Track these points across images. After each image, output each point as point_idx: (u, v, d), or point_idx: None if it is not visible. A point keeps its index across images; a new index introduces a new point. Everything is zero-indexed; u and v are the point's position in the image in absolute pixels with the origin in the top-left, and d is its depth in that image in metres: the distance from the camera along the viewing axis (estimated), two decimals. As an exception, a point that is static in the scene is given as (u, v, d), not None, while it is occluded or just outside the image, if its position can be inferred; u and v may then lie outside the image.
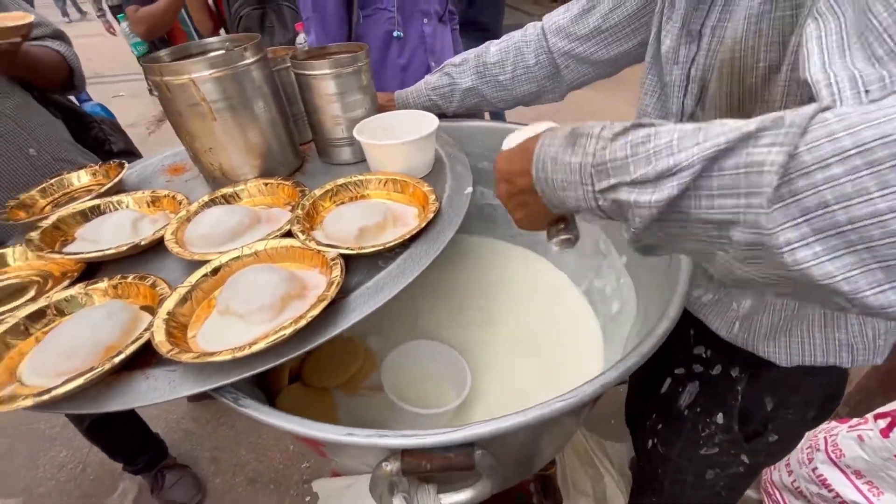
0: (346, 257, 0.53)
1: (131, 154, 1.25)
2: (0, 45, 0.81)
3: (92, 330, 0.47)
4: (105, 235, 0.62)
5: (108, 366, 0.43)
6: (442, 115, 0.82)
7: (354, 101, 0.74)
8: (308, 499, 1.45)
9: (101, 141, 1.18)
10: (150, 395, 0.44)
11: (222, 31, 1.87)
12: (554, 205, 0.40)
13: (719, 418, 0.68)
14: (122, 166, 0.82)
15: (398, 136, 0.69)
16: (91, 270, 0.61)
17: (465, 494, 0.45)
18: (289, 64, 0.78)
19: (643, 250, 0.36)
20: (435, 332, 0.80)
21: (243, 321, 0.48)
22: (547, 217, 0.46)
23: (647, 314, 0.64)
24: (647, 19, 0.67)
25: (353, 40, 1.27)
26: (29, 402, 0.41)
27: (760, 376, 0.64)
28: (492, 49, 0.81)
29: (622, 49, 0.71)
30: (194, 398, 1.76)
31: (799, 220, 0.24)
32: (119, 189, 0.78)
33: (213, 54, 0.64)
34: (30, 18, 0.81)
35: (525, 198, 0.44)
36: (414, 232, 0.56)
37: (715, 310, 0.64)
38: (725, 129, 0.27)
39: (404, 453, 0.40)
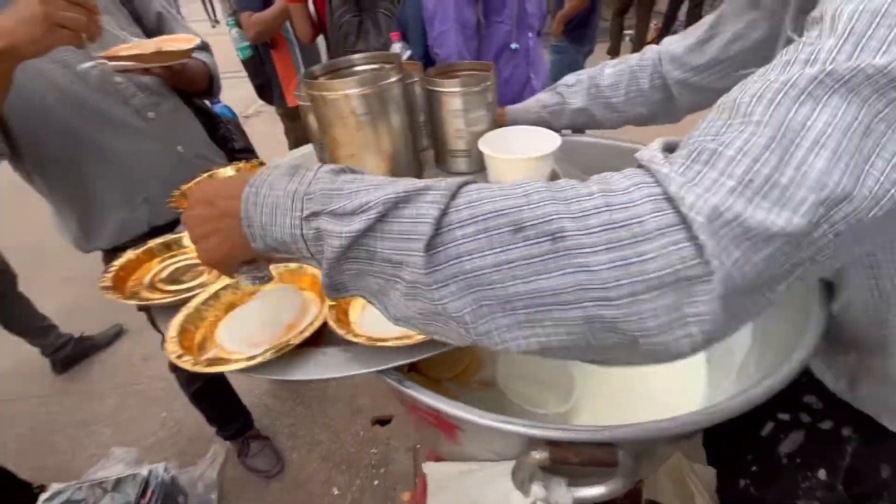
0: None
1: (249, 151, 1.39)
2: (173, 66, 0.95)
3: (276, 309, 0.56)
4: None
5: (297, 340, 0.51)
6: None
7: (478, 117, 0.81)
8: (377, 482, 1.54)
9: (227, 139, 1.32)
10: (327, 370, 0.52)
11: (321, 37, 2.02)
12: (254, 235, 0.37)
13: (821, 474, 0.63)
14: (263, 165, 0.93)
15: (517, 150, 0.74)
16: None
17: (598, 490, 0.48)
18: (417, 78, 0.86)
19: (332, 289, 0.36)
20: None
21: None
22: (240, 253, 0.41)
23: (765, 343, 0.65)
24: (768, 53, 0.67)
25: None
26: (241, 365, 0.50)
27: (876, 440, 0.58)
28: (606, 71, 0.84)
29: (740, 76, 0.71)
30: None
31: (442, 266, 0.30)
32: None
33: (364, 75, 0.72)
34: (196, 41, 0.94)
35: (222, 224, 0.40)
36: None
37: (824, 358, 0.61)
38: (409, 183, 0.33)
39: (553, 444, 0.45)
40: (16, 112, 0.85)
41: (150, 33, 1.10)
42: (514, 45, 1.34)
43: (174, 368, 1.37)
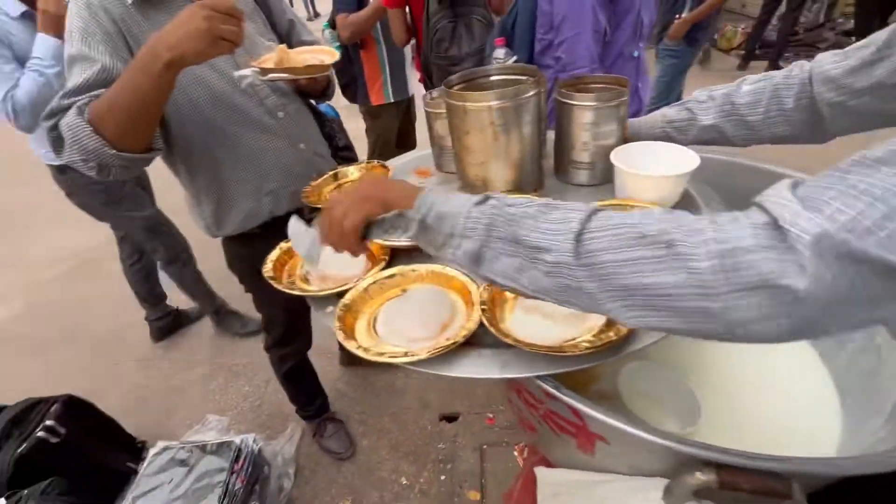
0: None
1: (349, 149, 1.46)
2: (318, 79, 1.02)
3: (435, 308, 0.60)
4: None
5: (460, 339, 0.54)
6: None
7: (608, 131, 0.81)
8: (443, 478, 1.57)
9: (332, 137, 1.39)
10: (487, 369, 0.55)
11: (413, 41, 2.08)
12: (419, 207, 0.50)
13: None
14: (385, 167, 0.98)
15: (647, 166, 0.74)
16: (394, 254, 0.77)
17: (758, 521, 0.47)
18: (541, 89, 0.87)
19: (473, 259, 0.46)
20: (665, 356, 0.82)
21: (552, 321, 0.56)
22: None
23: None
24: None
25: None
26: (404, 359, 0.54)
27: None
28: (744, 88, 0.80)
29: None
30: (347, 363, 2.00)
31: (584, 255, 0.39)
32: None
33: (506, 88, 0.75)
34: (337, 56, 1.00)
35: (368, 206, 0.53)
36: None
37: None
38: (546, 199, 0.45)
39: (722, 468, 0.44)
40: (174, 111, 0.95)
41: (281, 38, 1.19)
42: (634, 53, 1.32)
43: (268, 348, 1.48)
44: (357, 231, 0.54)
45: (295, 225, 0.63)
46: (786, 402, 0.76)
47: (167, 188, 3.60)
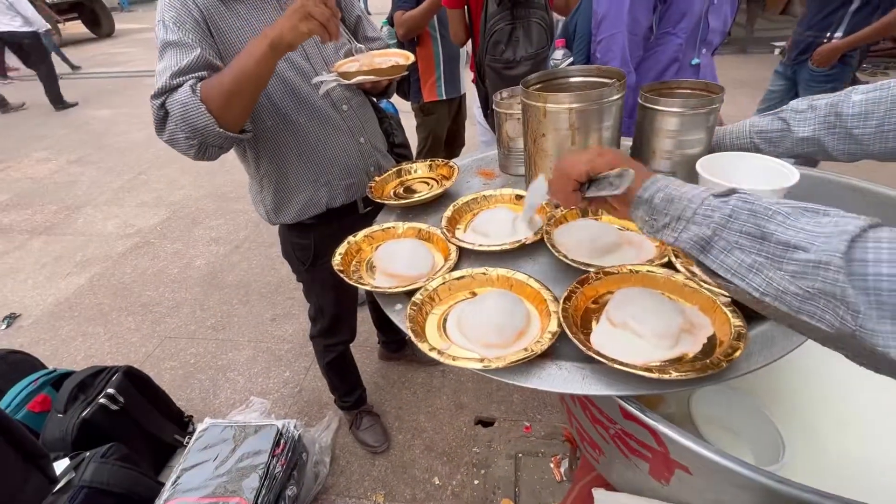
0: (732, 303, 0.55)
1: (405, 147, 1.46)
2: (393, 79, 1.03)
3: (511, 316, 0.58)
4: (493, 229, 0.76)
5: (539, 349, 0.52)
6: None
7: (694, 140, 0.76)
8: (477, 482, 1.55)
9: (389, 133, 1.39)
10: (566, 384, 0.52)
11: (469, 42, 2.07)
12: (646, 187, 0.49)
13: None
14: (451, 167, 0.98)
15: (737, 179, 0.68)
16: (468, 252, 0.76)
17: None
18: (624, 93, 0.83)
19: (699, 246, 0.44)
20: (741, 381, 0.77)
21: (641, 339, 0.53)
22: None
23: None
24: None
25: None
26: (480, 365, 0.52)
27: None
28: (854, 98, 0.72)
29: None
30: (385, 357, 2.02)
31: (856, 262, 0.35)
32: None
33: (588, 91, 0.72)
34: (412, 58, 0.99)
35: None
36: None
37: None
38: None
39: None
40: None
41: (349, 32, 1.21)
42: (694, 60, 1.25)
43: (312, 337, 1.50)
44: (580, 177, 0.54)
45: (539, 180, 0.66)
46: (875, 441, 0.69)
47: (223, 172, 3.73)
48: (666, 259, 0.63)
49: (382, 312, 1.91)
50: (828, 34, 2.16)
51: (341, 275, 0.75)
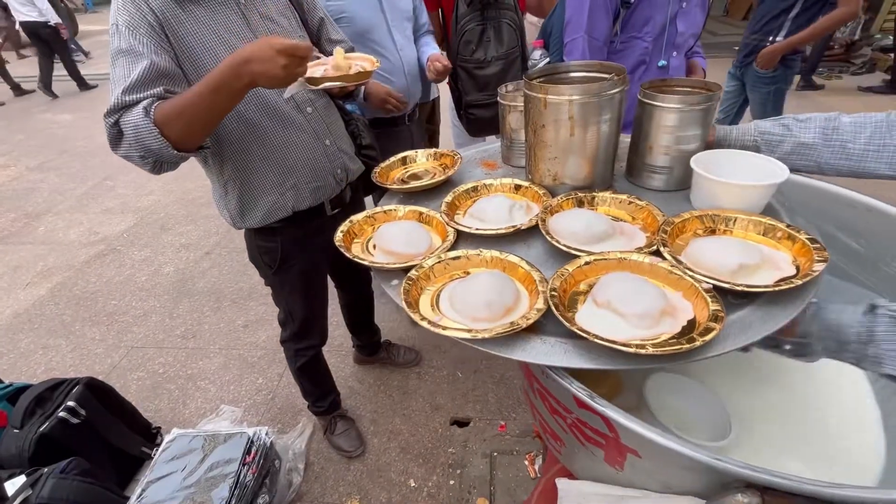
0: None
1: (373, 148, 1.46)
2: (359, 85, 1.04)
3: (500, 292, 0.61)
4: (489, 214, 0.80)
5: (525, 323, 0.55)
6: None
7: (691, 136, 0.79)
8: (452, 482, 1.55)
9: (356, 135, 1.39)
10: (548, 356, 0.54)
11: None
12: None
13: None
14: (454, 157, 1.02)
15: (729, 175, 0.72)
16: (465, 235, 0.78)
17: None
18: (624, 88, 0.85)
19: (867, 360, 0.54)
20: (694, 372, 0.80)
21: (622, 319, 0.55)
22: None
23: None
24: None
25: None
26: (468, 335, 0.55)
27: None
28: (844, 119, 0.78)
29: None
30: (360, 360, 2.00)
31: None
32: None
33: (589, 84, 0.74)
34: (377, 65, 1.00)
35: None
36: (809, 279, 0.57)
37: None
38: None
39: (766, 491, 0.42)
40: None
41: (312, 35, 1.21)
42: (661, 62, 1.30)
43: (282, 342, 1.48)
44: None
45: None
46: (825, 424, 0.73)
47: (187, 178, 3.65)
48: (654, 248, 0.66)
49: (356, 316, 1.91)
50: (770, 38, 2.31)
51: (342, 249, 0.76)
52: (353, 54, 1.08)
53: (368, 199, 1.51)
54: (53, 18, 5.91)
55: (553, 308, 0.55)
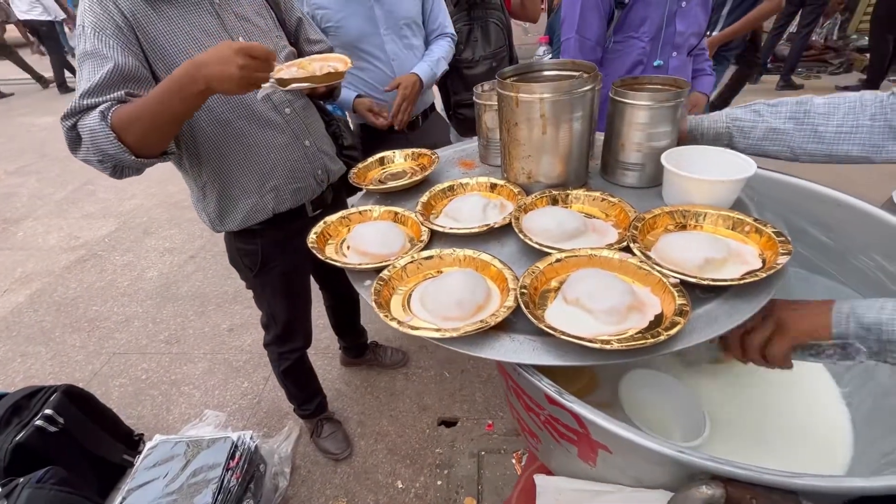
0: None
1: (355, 149, 1.45)
2: (329, 86, 1.04)
3: (471, 291, 0.61)
4: (463, 214, 0.80)
5: (493, 321, 0.55)
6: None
7: (662, 133, 0.80)
8: (440, 482, 1.55)
9: (337, 136, 1.38)
10: (517, 354, 0.54)
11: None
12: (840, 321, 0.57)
13: None
14: (432, 157, 1.01)
15: (699, 170, 0.73)
16: (439, 234, 0.78)
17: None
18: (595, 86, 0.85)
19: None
20: (670, 367, 0.81)
21: (590, 315, 0.56)
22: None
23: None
24: None
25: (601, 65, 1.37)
26: (437, 335, 0.55)
27: None
28: (817, 100, 0.78)
29: None
30: (346, 362, 1.99)
31: None
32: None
33: (560, 81, 0.74)
34: (350, 64, 0.99)
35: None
36: (773, 272, 0.58)
37: None
38: None
39: (729, 483, 0.43)
40: None
41: (290, 36, 1.19)
42: (657, 62, 1.31)
43: (266, 345, 1.47)
44: (788, 357, 0.62)
45: None
46: (795, 419, 0.74)
47: (169, 182, 3.61)
48: (625, 244, 0.67)
49: (342, 318, 1.89)
50: (707, 32, 2.55)
51: (315, 251, 0.76)
52: (328, 54, 1.07)
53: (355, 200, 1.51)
54: (58, 14, 5.99)
55: (523, 306, 0.55)
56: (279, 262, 1.24)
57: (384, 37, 1.54)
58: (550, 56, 1.57)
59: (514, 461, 1.58)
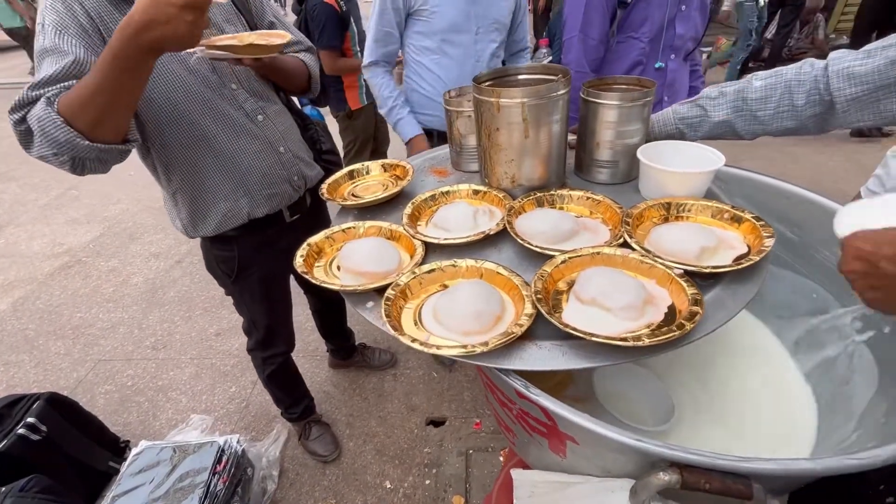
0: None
1: (334, 153, 1.45)
2: (264, 59, 1.01)
3: (487, 303, 0.61)
4: (453, 223, 0.79)
5: (519, 331, 0.55)
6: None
7: (632, 130, 0.83)
8: (428, 482, 1.56)
9: (315, 140, 1.36)
10: (547, 361, 0.55)
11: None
12: None
13: None
14: (406, 167, 1.00)
15: (671, 164, 0.77)
16: (433, 247, 0.77)
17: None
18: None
19: None
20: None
21: (609, 314, 0.58)
22: None
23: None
24: None
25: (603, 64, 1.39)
26: (457, 351, 0.54)
27: None
28: (755, 84, 0.82)
29: None
30: (335, 364, 2.00)
31: None
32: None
33: (538, 86, 0.76)
34: (287, 38, 0.98)
35: (886, 282, 0.46)
36: (764, 255, 0.62)
37: None
38: None
39: (685, 469, 0.45)
40: (146, 105, 0.94)
41: None
42: (657, 64, 1.34)
43: (249, 351, 1.47)
44: None
45: None
46: (763, 407, 0.77)
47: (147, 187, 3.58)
48: (622, 240, 0.69)
49: (329, 321, 1.89)
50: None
51: (306, 276, 0.73)
52: (264, 31, 1.05)
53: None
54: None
55: (545, 313, 0.55)
56: (257, 267, 1.24)
57: (476, 35, 1.48)
58: (551, 59, 1.58)
59: (501, 459, 1.60)
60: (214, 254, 1.21)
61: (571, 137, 0.94)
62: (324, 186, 0.99)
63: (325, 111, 2.44)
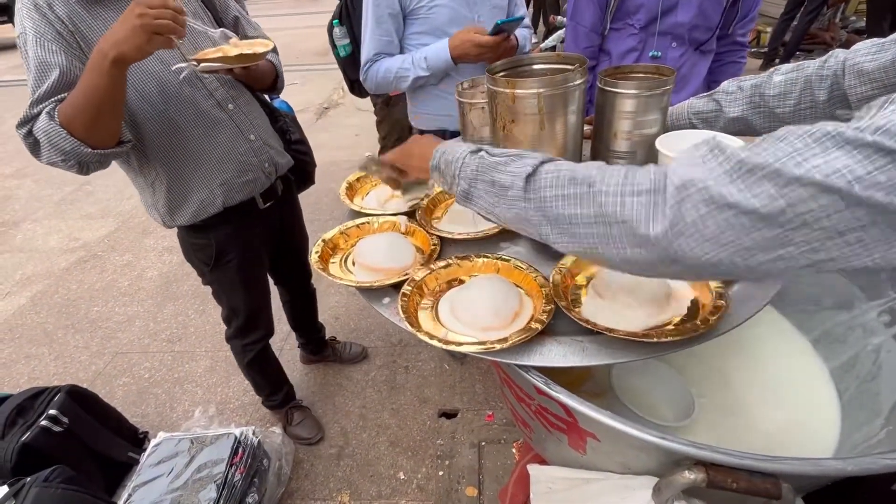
0: None
1: (303, 143, 1.46)
2: (248, 67, 1.04)
3: (505, 298, 0.61)
4: (469, 216, 0.79)
5: (540, 327, 0.55)
6: None
7: (650, 121, 0.80)
8: (441, 473, 1.57)
9: (284, 131, 1.39)
10: (568, 357, 0.54)
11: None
12: (434, 157, 0.62)
13: None
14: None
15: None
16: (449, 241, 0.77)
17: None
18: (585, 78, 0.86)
19: (464, 197, 0.57)
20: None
21: (632, 309, 0.57)
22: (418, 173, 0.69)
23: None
24: None
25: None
26: (476, 348, 0.54)
27: None
28: (775, 79, 0.78)
29: None
30: (306, 360, 2.00)
31: (531, 191, 0.49)
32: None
33: (554, 76, 0.74)
34: (270, 46, 1.00)
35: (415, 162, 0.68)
36: None
37: None
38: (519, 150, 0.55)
39: (711, 467, 0.44)
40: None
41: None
42: (652, 52, 1.31)
43: (229, 339, 1.50)
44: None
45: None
46: (785, 403, 0.76)
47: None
48: None
49: (300, 313, 1.90)
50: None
51: (322, 272, 0.75)
52: (255, 40, 1.07)
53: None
54: None
55: (564, 309, 0.54)
56: (234, 255, 1.27)
57: (477, 22, 1.42)
58: (563, 41, 1.57)
59: (514, 451, 1.60)
60: (192, 242, 1.24)
61: (587, 128, 0.92)
62: (345, 186, 1.00)
63: (295, 103, 2.41)
